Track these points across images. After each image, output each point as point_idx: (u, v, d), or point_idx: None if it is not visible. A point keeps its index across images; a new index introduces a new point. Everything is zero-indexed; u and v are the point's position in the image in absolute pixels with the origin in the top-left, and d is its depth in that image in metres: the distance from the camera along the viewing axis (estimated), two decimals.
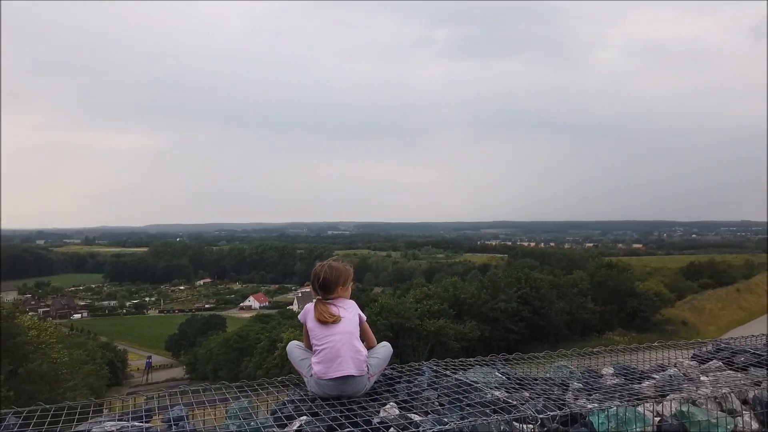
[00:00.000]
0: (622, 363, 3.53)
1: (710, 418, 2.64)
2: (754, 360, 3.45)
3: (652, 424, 2.56)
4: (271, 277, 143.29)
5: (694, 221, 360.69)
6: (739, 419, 2.75)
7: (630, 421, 2.50)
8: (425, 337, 40.61)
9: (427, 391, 2.78)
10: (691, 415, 2.63)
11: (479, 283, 51.70)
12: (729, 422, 2.67)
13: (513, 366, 3.42)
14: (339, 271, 3.04)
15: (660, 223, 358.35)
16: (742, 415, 2.78)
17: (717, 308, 56.44)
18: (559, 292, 49.73)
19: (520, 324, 46.55)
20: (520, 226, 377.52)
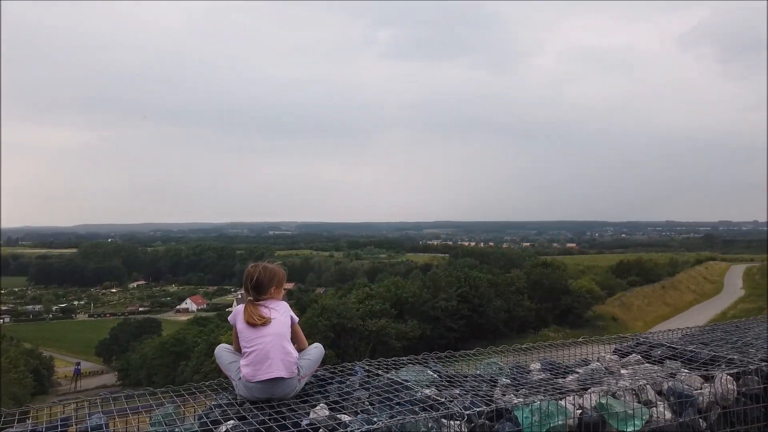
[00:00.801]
0: (549, 359, 3.65)
1: (627, 409, 2.77)
2: (670, 353, 3.65)
3: (573, 416, 2.66)
4: (209, 278, 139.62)
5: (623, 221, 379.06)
6: (654, 409, 2.90)
7: (553, 414, 2.59)
8: (367, 337, 40.71)
9: (358, 391, 2.78)
10: (609, 406, 2.76)
11: (421, 282, 52.30)
12: (644, 413, 2.81)
13: (445, 364, 3.47)
14: (273, 272, 3.00)
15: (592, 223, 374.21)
16: (657, 405, 2.94)
17: (644, 304, 59.49)
18: (497, 290, 51.03)
19: (459, 322, 47.44)
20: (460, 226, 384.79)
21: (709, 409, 3.04)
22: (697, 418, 2.96)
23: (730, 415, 3.07)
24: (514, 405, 2.59)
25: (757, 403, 3.14)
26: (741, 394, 3.12)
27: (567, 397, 2.79)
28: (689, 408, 2.95)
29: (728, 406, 3.06)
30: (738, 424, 3.07)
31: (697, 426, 2.95)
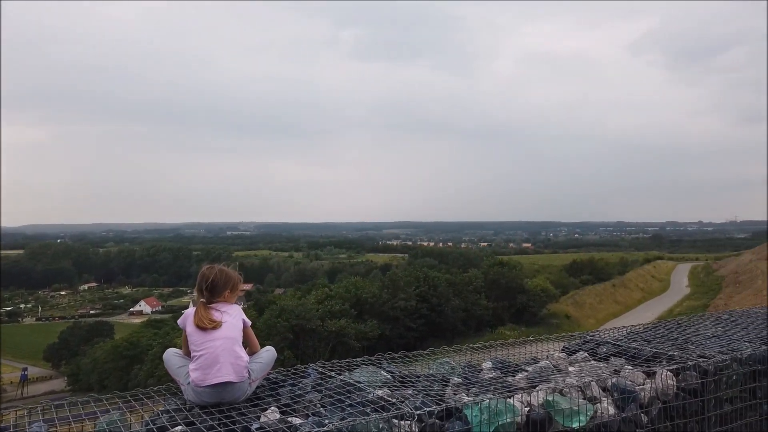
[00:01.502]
0: (500, 357, 3.72)
1: (573, 405, 2.85)
2: (615, 350, 3.78)
3: (521, 414, 2.72)
4: (164, 280, 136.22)
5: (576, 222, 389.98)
6: (599, 405, 3.00)
7: (501, 412, 2.65)
8: (326, 337, 40.54)
9: (310, 394, 2.77)
10: (556, 403, 2.83)
11: (380, 282, 52.45)
12: (589, 409, 2.91)
13: (399, 364, 3.50)
14: (229, 275, 2.97)
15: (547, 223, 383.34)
16: (601, 401, 3.04)
17: (596, 302, 61.29)
18: (455, 289, 51.65)
19: (418, 322, 47.80)
20: (420, 227, 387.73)
21: (651, 404, 3.16)
22: (638, 413, 3.07)
23: (669, 410, 3.20)
24: (463, 404, 2.63)
25: (695, 398, 3.29)
26: (680, 389, 3.26)
27: (516, 395, 2.86)
28: (632, 403, 3.06)
29: (668, 400, 3.20)
30: (677, 418, 3.21)
31: (638, 420, 3.06)
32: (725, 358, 3.46)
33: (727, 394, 3.43)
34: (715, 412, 3.36)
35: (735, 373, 3.46)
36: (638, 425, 3.06)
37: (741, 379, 3.50)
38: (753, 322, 4.67)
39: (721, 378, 3.40)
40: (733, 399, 3.47)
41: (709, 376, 3.34)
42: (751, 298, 38.92)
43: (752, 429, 3.55)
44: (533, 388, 3.00)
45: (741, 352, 3.60)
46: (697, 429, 3.29)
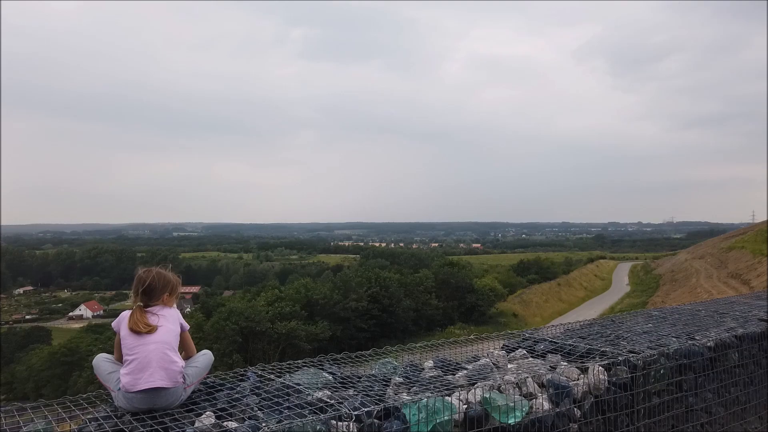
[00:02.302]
0: (442, 356, 3.77)
1: (509, 402, 2.93)
2: (551, 347, 3.90)
3: (459, 411, 2.77)
4: (106, 283, 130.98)
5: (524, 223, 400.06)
6: (534, 401, 3.09)
7: (439, 410, 2.68)
8: (276, 339, 40.05)
9: (248, 397, 2.73)
10: (492, 400, 2.90)
11: (331, 283, 52.25)
12: (525, 404, 2.98)
13: (341, 365, 3.49)
14: (167, 278, 2.89)
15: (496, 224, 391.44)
16: (537, 397, 3.13)
17: (542, 301, 63.00)
18: (406, 290, 52.03)
19: (370, 322, 47.88)
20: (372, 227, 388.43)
21: (584, 398, 3.27)
22: (572, 407, 3.18)
23: (601, 404, 3.32)
24: (402, 403, 2.65)
25: (625, 392, 3.43)
26: (611, 383, 3.39)
27: (455, 393, 2.90)
28: (566, 398, 3.16)
29: (600, 395, 3.32)
30: (608, 412, 3.34)
31: (572, 415, 3.17)
32: (653, 353, 3.63)
33: (655, 388, 3.60)
34: (643, 405, 3.52)
35: (662, 367, 3.63)
36: (571, 419, 3.17)
37: (668, 373, 3.67)
38: (681, 319, 4.91)
39: (650, 372, 3.56)
40: (661, 392, 3.64)
41: (638, 371, 3.49)
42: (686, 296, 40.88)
43: (678, 421, 3.74)
44: (472, 385, 3.05)
45: (668, 347, 3.78)
46: (627, 422, 3.44)
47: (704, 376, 3.90)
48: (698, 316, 4.98)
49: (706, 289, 38.93)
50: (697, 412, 3.85)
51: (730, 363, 4.11)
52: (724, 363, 4.05)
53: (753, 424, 4.31)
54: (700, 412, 3.88)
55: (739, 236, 59.50)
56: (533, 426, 2.98)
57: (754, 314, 5.01)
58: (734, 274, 40.25)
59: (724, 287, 36.29)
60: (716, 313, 5.15)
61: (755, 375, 4.32)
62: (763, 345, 4.39)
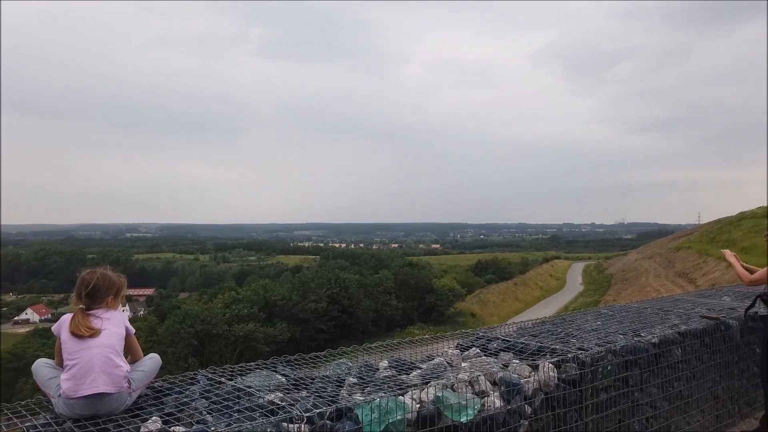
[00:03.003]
0: (397, 356, 3.78)
1: (461, 400, 2.96)
2: (504, 345, 3.96)
3: (411, 411, 2.78)
4: (54, 285, 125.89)
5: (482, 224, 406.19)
6: (487, 399, 3.13)
7: (392, 410, 2.69)
8: (233, 342, 39.38)
9: (197, 401, 2.67)
10: (445, 398, 2.92)
11: (290, 284, 51.75)
12: (477, 402, 3.02)
13: (295, 367, 3.46)
14: (112, 280, 2.79)
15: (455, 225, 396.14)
16: (489, 395, 3.17)
17: (499, 300, 64.03)
18: (366, 290, 52.01)
19: (329, 323, 47.66)
20: (332, 228, 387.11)
21: (534, 395, 3.34)
22: (523, 404, 3.24)
23: (551, 400, 3.40)
24: (355, 403, 2.64)
25: (574, 388, 3.52)
26: (561, 380, 3.48)
27: (408, 393, 2.91)
28: (517, 395, 3.22)
29: (550, 391, 3.40)
30: (558, 408, 3.42)
31: (523, 411, 3.23)
32: (601, 350, 3.73)
33: (602, 384, 3.70)
34: (592, 400, 3.62)
35: (609, 364, 3.75)
36: (522, 416, 3.23)
37: (615, 369, 3.79)
38: (628, 316, 5.07)
39: (597, 368, 3.66)
40: (608, 388, 3.75)
41: (586, 367, 3.58)
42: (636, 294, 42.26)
43: (624, 415, 3.86)
44: (425, 385, 3.07)
45: (615, 344, 3.90)
46: (576, 417, 3.53)
47: (649, 372, 4.04)
48: (644, 314, 5.16)
49: (655, 287, 40.37)
50: (642, 406, 3.98)
51: (673, 359, 4.27)
52: (667, 359, 4.21)
53: (695, 418, 4.49)
54: (646, 407, 4.02)
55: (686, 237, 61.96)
56: (485, 423, 3.02)
57: (696, 311, 5.23)
58: (681, 273, 41.89)
59: (672, 286, 37.71)
60: (661, 310, 5.34)
61: (697, 370, 4.51)
62: (705, 341, 4.59)
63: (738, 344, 4.92)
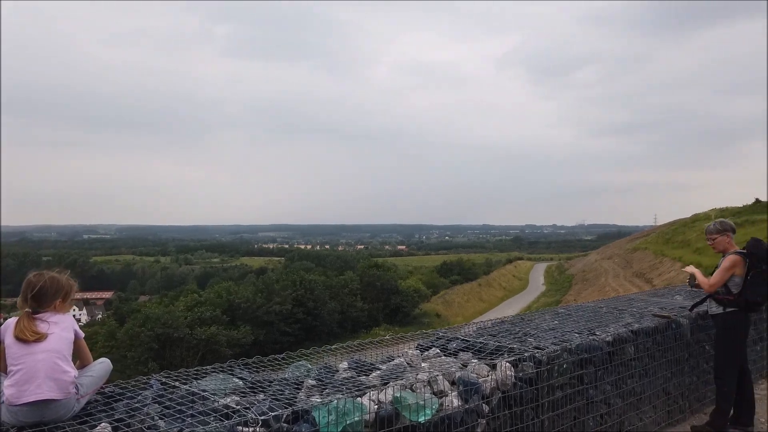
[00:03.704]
0: (356, 358, 3.78)
1: (419, 400, 2.97)
2: (463, 345, 4.00)
3: (369, 412, 2.77)
4: (8, 289, 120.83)
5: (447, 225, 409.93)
6: (445, 399, 3.16)
7: (349, 412, 2.68)
8: (195, 346, 38.64)
9: (150, 406, 2.60)
10: (403, 399, 2.93)
11: (254, 286, 51.13)
12: (435, 402, 3.04)
13: (253, 370, 3.41)
14: (60, 283, 2.70)
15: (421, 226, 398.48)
16: (447, 394, 3.20)
17: (463, 301, 64.68)
18: (331, 292, 51.79)
19: (294, 326, 47.25)
20: (297, 229, 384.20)
21: (492, 394, 3.39)
22: (480, 403, 3.27)
23: (508, 398, 3.45)
24: (312, 405, 2.62)
25: (530, 386, 3.58)
26: (518, 378, 3.53)
27: (367, 394, 2.91)
28: (475, 395, 3.25)
29: (507, 390, 3.45)
30: (515, 406, 3.47)
31: (480, 410, 3.27)
32: (557, 349, 3.81)
33: (558, 382, 3.78)
34: (547, 398, 3.68)
35: (565, 362, 3.82)
36: (480, 415, 3.27)
37: (570, 367, 3.87)
38: (584, 315, 5.19)
39: (553, 367, 3.73)
40: (564, 386, 3.83)
41: (542, 366, 3.65)
42: (595, 294, 43.32)
43: (579, 412, 3.94)
44: (385, 385, 3.07)
45: (571, 342, 3.98)
46: (532, 415, 3.59)
47: (603, 369, 4.14)
48: (600, 313, 5.29)
49: (614, 287, 41.45)
50: (596, 403, 4.08)
51: (626, 356, 4.39)
52: (621, 356, 4.32)
53: (648, 414, 4.62)
54: (600, 404, 4.12)
55: (643, 238, 63.86)
56: (443, 423, 3.04)
57: (649, 310, 5.39)
58: (638, 273, 43.14)
59: (630, 285, 38.78)
60: (616, 309, 5.49)
61: (649, 367, 4.64)
62: (656, 339, 4.73)
63: (688, 342, 5.09)
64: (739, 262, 4.60)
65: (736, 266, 4.60)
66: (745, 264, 4.59)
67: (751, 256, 4.59)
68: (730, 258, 4.63)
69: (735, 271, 4.61)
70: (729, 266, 4.61)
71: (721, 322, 4.79)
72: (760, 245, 4.65)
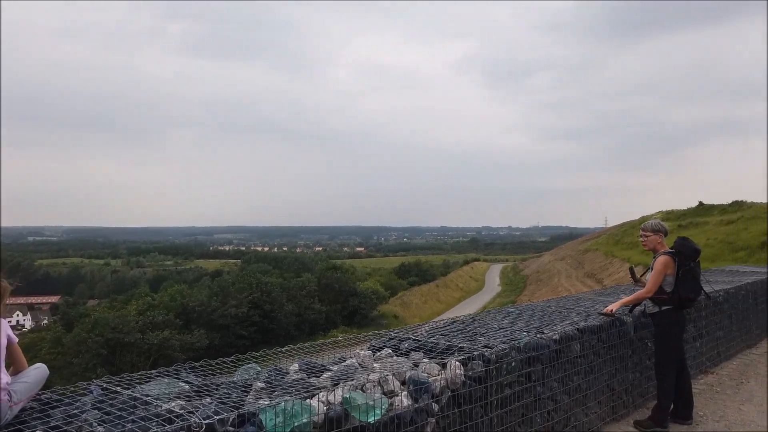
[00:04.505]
0: (307, 360, 3.75)
1: (369, 400, 2.97)
2: (415, 345, 4.03)
3: (318, 413, 2.76)
4: None
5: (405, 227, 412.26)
6: (396, 398, 3.17)
7: (298, 413, 2.66)
8: (147, 351, 37.60)
9: (88, 413, 2.51)
10: (353, 400, 2.93)
11: (209, 289, 50.15)
12: (384, 402, 3.05)
13: (200, 374, 3.34)
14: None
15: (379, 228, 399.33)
16: (398, 394, 3.21)
17: (421, 302, 65.14)
18: (288, 294, 51.31)
19: (250, 329, 46.59)
20: (254, 231, 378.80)
21: (442, 393, 3.42)
22: (430, 402, 3.30)
23: (458, 397, 3.49)
24: (259, 408, 2.59)
25: (479, 384, 3.63)
26: (467, 377, 3.58)
27: (317, 395, 2.89)
28: (425, 394, 3.28)
29: (457, 389, 3.49)
30: (464, 404, 3.52)
31: (430, 409, 3.29)
32: (505, 347, 3.88)
33: (507, 380, 3.85)
34: (496, 396, 3.75)
35: (513, 360, 3.90)
36: (430, 414, 3.29)
37: (518, 365, 3.95)
38: (534, 315, 5.31)
39: (502, 365, 3.80)
40: (512, 383, 3.90)
41: (491, 364, 3.71)
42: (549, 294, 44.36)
43: (527, 409, 4.03)
44: (335, 386, 3.06)
45: (519, 341, 4.06)
46: (481, 413, 3.64)
47: (550, 367, 4.24)
48: (548, 312, 5.42)
49: (566, 287, 42.57)
50: (544, 400, 4.18)
51: (573, 354, 4.51)
52: (567, 354, 4.44)
53: (593, 409, 4.76)
54: (547, 401, 4.22)
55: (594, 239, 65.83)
56: (392, 423, 3.06)
57: (595, 309, 5.55)
58: (590, 273, 44.45)
59: (581, 286, 39.91)
60: (564, 308, 5.64)
61: (594, 364, 4.79)
62: (601, 337, 4.88)
63: (632, 339, 5.28)
64: (669, 262, 4.83)
65: (668, 266, 4.83)
66: (675, 263, 4.83)
67: (680, 255, 4.84)
68: (660, 260, 4.87)
69: (667, 270, 4.84)
70: (661, 268, 4.84)
71: (658, 320, 5.02)
72: (687, 244, 4.89)
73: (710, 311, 6.98)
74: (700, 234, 29.81)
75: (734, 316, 7.69)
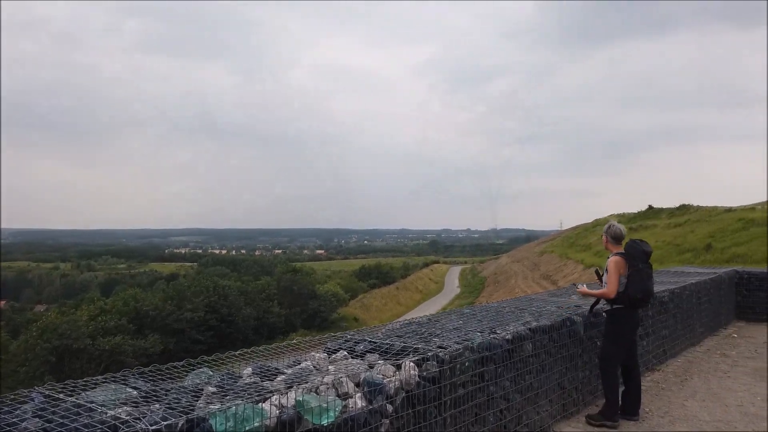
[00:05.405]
0: (261, 363, 3.71)
1: (322, 403, 2.97)
2: (371, 347, 4.04)
3: (270, 417, 2.73)
4: None
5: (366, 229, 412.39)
6: (350, 400, 3.17)
7: (249, 417, 2.63)
8: (98, 357, 36.36)
9: (29, 421, 2.42)
10: (306, 402, 2.91)
11: (164, 293, 48.93)
12: (338, 404, 3.05)
13: (149, 380, 3.26)
14: None
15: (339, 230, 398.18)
16: (352, 396, 3.21)
17: (381, 304, 65.31)
18: (247, 298, 50.58)
19: (207, 334, 45.69)
20: (211, 234, 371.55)
21: (396, 394, 3.44)
22: (384, 403, 3.32)
23: (412, 398, 3.52)
24: (209, 413, 2.55)
25: (433, 385, 3.67)
26: (422, 378, 3.61)
27: (270, 399, 2.87)
28: (379, 395, 3.29)
29: (411, 389, 3.52)
30: (418, 405, 3.55)
31: (384, 411, 3.31)
32: (459, 348, 3.94)
33: (460, 380, 3.91)
34: (450, 396, 3.80)
35: (467, 360, 3.96)
36: (384, 415, 3.31)
37: (472, 365, 4.01)
38: (488, 315, 5.40)
39: (456, 365, 3.85)
40: (466, 383, 3.96)
41: (445, 365, 3.76)
42: (506, 295, 45.13)
43: (480, 408, 4.10)
44: (289, 389, 3.04)
45: (473, 341, 4.13)
46: (435, 413, 3.68)
47: (503, 366, 4.33)
48: (502, 313, 5.53)
49: (523, 289, 43.39)
50: (497, 399, 4.26)
51: (525, 353, 4.61)
52: (520, 353, 4.54)
53: (544, 407, 4.88)
54: (500, 400, 4.30)
55: (549, 242, 67.38)
56: (346, 425, 3.06)
57: (547, 309, 5.69)
58: (545, 275, 45.45)
59: (537, 287, 40.77)
60: (517, 309, 5.76)
61: (546, 363, 4.90)
62: (552, 336, 5.01)
63: (582, 338, 5.44)
64: (620, 262, 5.06)
65: (619, 266, 5.05)
66: (626, 264, 5.05)
67: (630, 257, 5.06)
68: (611, 260, 5.09)
69: (620, 270, 5.05)
70: (615, 269, 5.05)
71: (609, 318, 5.22)
72: (636, 246, 5.11)
73: (656, 311, 7.25)
74: (649, 236, 30.91)
75: (679, 315, 8.01)
